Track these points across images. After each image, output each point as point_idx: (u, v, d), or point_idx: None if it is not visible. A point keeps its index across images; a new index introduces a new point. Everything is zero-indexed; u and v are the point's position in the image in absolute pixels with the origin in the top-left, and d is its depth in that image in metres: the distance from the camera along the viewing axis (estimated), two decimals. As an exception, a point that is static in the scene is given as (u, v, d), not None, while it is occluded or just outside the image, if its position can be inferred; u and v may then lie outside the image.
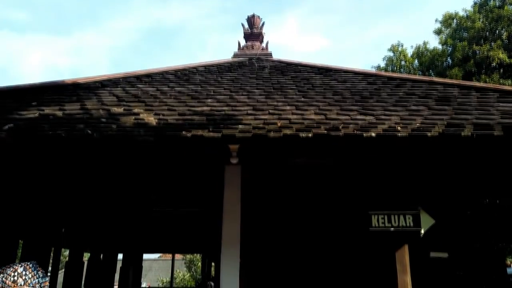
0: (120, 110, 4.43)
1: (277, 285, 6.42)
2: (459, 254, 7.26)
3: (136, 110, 4.38)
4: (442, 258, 8.04)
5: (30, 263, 1.91)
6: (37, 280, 1.87)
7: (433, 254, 7.78)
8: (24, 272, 1.86)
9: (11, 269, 1.88)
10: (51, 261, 9.05)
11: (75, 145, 3.90)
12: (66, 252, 10.90)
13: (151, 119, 4.01)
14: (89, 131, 3.60)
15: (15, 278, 1.83)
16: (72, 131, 3.65)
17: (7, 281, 1.82)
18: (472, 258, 5.92)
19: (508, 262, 13.61)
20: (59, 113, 4.28)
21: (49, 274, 8.52)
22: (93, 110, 4.43)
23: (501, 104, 4.52)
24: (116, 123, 3.87)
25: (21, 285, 1.82)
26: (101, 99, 4.99)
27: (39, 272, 1.92)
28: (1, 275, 1.85)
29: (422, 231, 3.64)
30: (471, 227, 6.60)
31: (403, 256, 3.55)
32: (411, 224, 3.58)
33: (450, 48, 16.44)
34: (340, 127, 3.68)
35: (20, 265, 1.90)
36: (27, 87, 5.64)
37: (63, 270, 9.40)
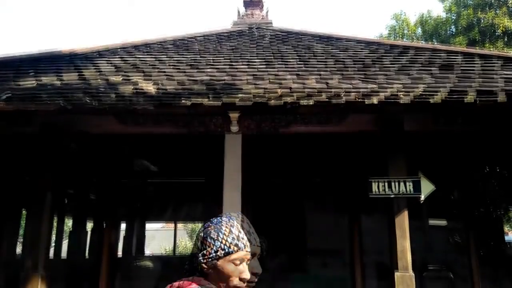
0: (118, 79, 4.36)
1: (279, 253, 6.53)
2: (458, 221, 7.35)
3: (134, 79, 4.32)
4: (441, 225, 8.16)
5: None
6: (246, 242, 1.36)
7: (432, 222, 7.88)
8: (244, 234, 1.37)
9: (235, 226, 1.36)
10: (54, 230, 9.19)
11: (75, 114, 3.87)
12: (70, 223, 11.07)
13: (150, 88, 3.95)
14: (88, 100, 3.56)
15: (243, 241, 1.34)
16: (71, 100, 3.61)
17: (239, 242, 1.33)
18: (471, 225, 6.00)
19: (506, 230, 13.82)
20: (57, 82, 4.22)
21: (53, 244, 8.67)
22: (91, 79, 4.37)
23: (505, 71, 4.45)
24: (115, 92, 3.82)
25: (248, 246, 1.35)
26: (99, 68, 4.91)
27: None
28: (229, 234, 1.33)
29: (422, 197, 3.67)
30: (470, 195, 6.65)
31: (403, 222, 3.58)
32: (411, 191, 3.59)
33: (454, 16, 16.08)
34: (342, 94, 3.64)
35: (242, 219, 1.39)
36: (23, 57, 5.56)
37: (67, 239, 9.57)
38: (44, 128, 3.97)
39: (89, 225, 9.82)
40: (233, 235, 1.35)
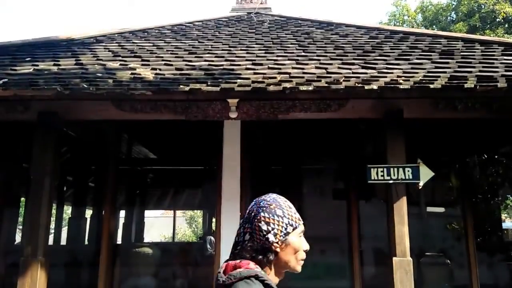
0: (116, 65, 4.33)
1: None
2: (456, 208, 7.39)
3: (132, 65, 4.29)
4: (439, 212, 8.19)
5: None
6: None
7: (430, 209, 7.91)
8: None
9: (289, 202, 1.39)
10: (53, 217, 9.21)
11: (72, 100, 3.85)
12: (69, 211, 11.09)
13: (148, 74, 3.93)
14: (85, 85, 3.53)
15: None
16: (68, 86, 3.57)
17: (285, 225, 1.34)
18: (469, 212, 6.03)
19: (503, 217, 13.91)
20: (54, 68, 4.19)
21: (52, 231, 8.69)
22: (89, 65, 4.34)
23: (505, 57, 4.43)
24: (112, 78, 3.79)
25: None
26: (97, 54, 4.87)
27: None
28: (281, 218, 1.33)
29: (421, 184, 3.66)
30: (468, 181, 6.66)
31: (401, 208, 3.59)
32: (410, 177, 3.59)
33: (455, 2, 15.94)
34: (341, 80, 3.61)
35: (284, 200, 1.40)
36: (20, 43, 5.51)
37: (67, 226, 9.59)
38: (42, 114, 3.94)
39: (89, 212, 9.84)
40: (293, 210, 1.39)
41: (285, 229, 1.33)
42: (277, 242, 1.31)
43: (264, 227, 1.31)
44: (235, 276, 1.22)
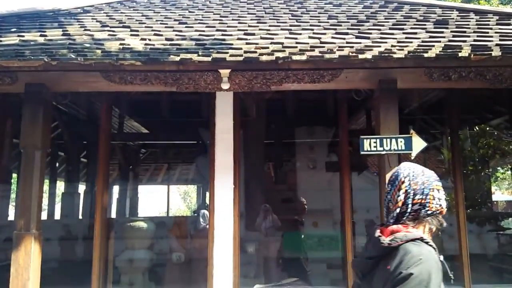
0: (104, 35, 4.22)
1: (271, 212, 6.58)
2: (447, 180, 7.46)
3: (121, 35, 4.18)
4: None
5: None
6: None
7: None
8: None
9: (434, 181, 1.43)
10: (46, 193, 9.20)
11: (60, 71, 3.75)
12: (62, 187, 11.07)
13: (137, 44, 3.83)
14: (73, 56, 3.44)
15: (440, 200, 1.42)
16: (55, 56, 3.48)
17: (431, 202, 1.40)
18: (460, 184, 6.10)
19: (493, 190, 14.14)
20: (41, 39, 4.07)
21: (45, 208, 8.69)
22: (76, 35, 4.21)
23: (500, 26, 4.38)
24: (100, 48, 3.70)
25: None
26: (84, 25, 4.74)
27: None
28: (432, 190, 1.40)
29: (414, 154, 3.67)
30: (459, 153, 6.72)
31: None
32: (403, 147, 3.59)
33: (450, -27, 15.65)
34: (335, 50, 3.55)
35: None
36: (5, 14, 5.34)
37: (60, 202, 9.59)
38: (29, 86, 3.84)
39: (82, 188, 9.84)
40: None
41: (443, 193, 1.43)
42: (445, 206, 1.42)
43: (437, 195, 1.41)
44: (401, 238, 1.30)
